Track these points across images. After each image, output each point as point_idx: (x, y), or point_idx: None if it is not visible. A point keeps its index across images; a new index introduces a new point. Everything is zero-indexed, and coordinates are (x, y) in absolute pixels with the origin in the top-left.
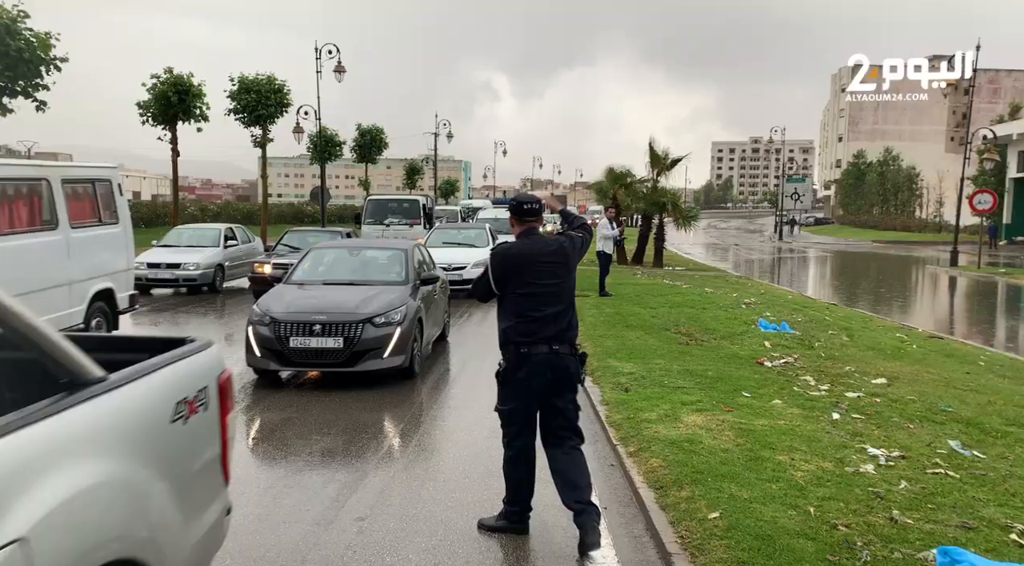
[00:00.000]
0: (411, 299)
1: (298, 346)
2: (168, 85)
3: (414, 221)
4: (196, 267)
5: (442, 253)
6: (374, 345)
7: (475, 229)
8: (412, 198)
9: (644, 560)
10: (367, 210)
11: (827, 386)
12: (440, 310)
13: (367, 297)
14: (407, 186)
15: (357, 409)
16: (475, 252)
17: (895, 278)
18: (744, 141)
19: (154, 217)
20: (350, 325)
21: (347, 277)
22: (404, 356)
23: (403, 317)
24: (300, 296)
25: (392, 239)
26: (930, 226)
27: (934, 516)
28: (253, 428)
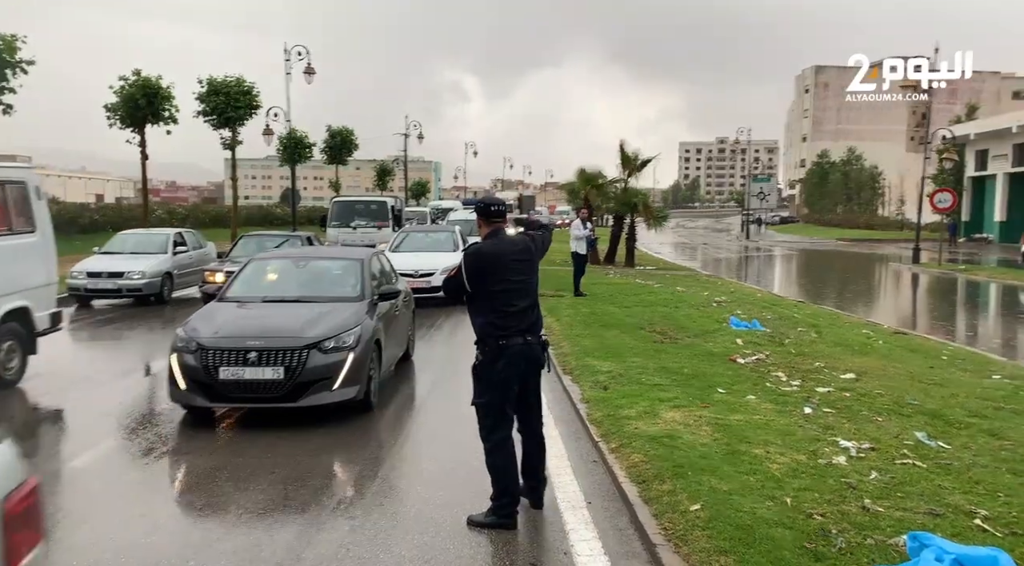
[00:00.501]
0: (367, 318)
1: (229, 378)
2: (136, 87)
3: (382, 223)
4: (141, 276)
5: (409, 259)
6: (322, 375)
7: (444, 232)
8: (380, 199)
9: (630, 551)
10: (332, 212)
11: (798, 381)
12: (403, 328)
13: (314, 317)
14: (378, 187)
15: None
16: (444, 258)
17: (860, 275)
18: (711, 141)
19: (122, 221)
20: (292, 352)
21: (292, 293)
22: (358, 386)
23: (357, 340)
24: (234, 317)
25: (346, 247)
26: (892, 224)
27: (903, 504)
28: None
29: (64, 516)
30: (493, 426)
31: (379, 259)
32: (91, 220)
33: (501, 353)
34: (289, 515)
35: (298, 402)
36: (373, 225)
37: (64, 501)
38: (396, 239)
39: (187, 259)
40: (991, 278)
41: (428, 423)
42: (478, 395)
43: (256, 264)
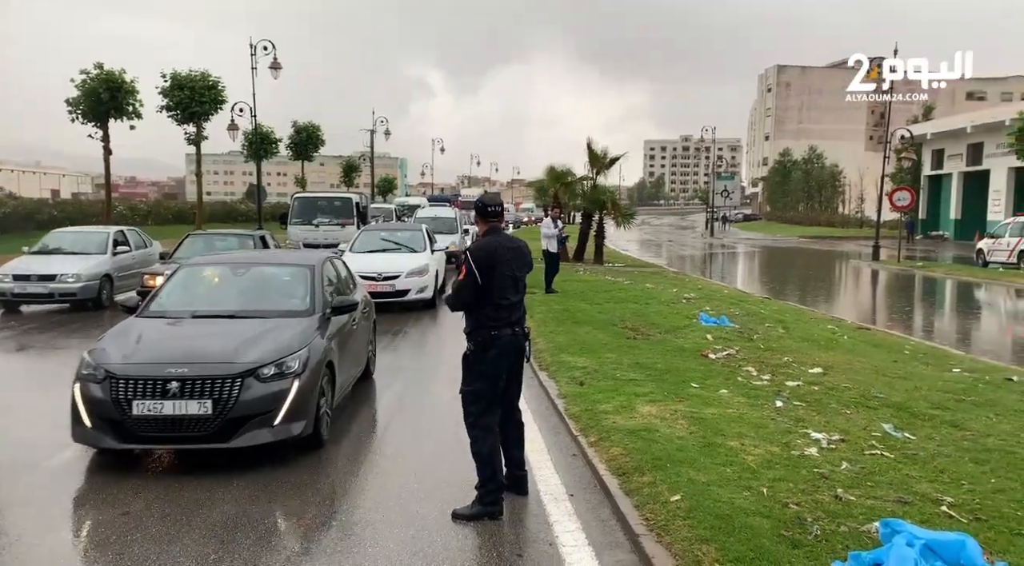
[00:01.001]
0: (318, 337)
1: (145, 414)
2: (99, 81)
3: (346, 221)
4: (76, 279)
5: (371, 260)
6: (260, 408)
7: (410, 231)
8: (344, 195)
9: (613, 542)
10: (294, 209)
11: (768, 376)
12: (361, 343)
13: (253, 337)
14: (344, 184)
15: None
16: (411, 258)
17: (822, 272)
18: (675, 139)
19: (82, 218)
20: (223, 381)
21: (228, 306)
22: (305, 420)
23: (304, 364)
24: (154, 337)
25: (295, 252)
26: (852, 222)
27: (873, 493)
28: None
29: None
30: (480, 413)
31: (333, 264)
32: (49, 216)
33: (493, 343)
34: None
35: (230, 442)
36: (337, 223)
37: None
38: (357, 238)
39: (129, 260)
40: (947, 275)
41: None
42: (467, 383)
43: (187, 271)
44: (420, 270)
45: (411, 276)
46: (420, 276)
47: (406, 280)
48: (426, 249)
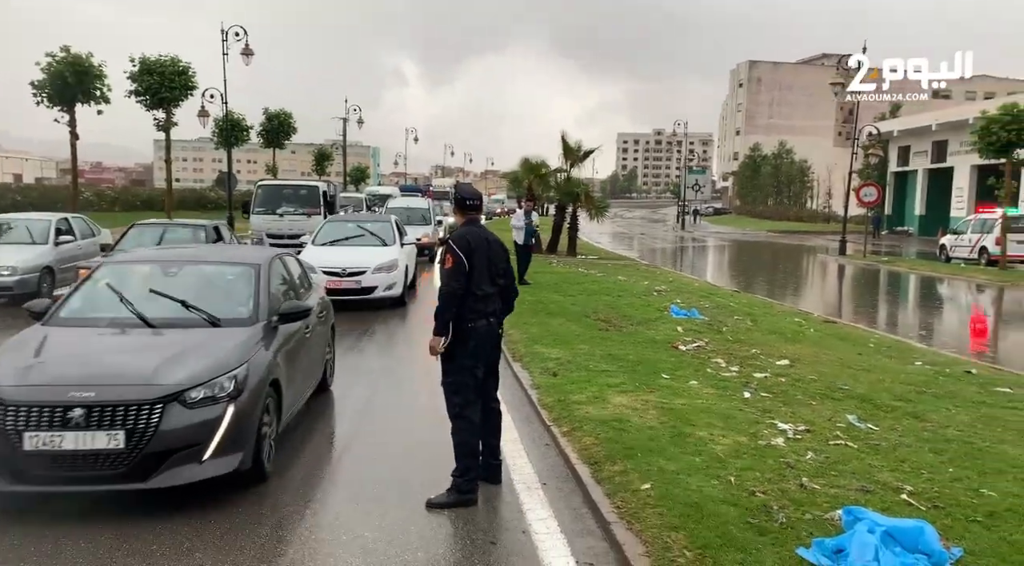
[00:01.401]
0: (261, 350)
1: (40, 449)
2: (65, 65)
3: (312, 211)
4: (12, 272)
5: (335, 254)
6: (185, 440)
7: (378, 222)
8: (310, 184)
9: (585, 529)
10: (257, 197)
11: (737, 368)
12: (317, 353)
13: (180, 351)
14: (316, 172)
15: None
16: (378, 252)
17: (790, 266)
18: (648, 133)
19: (46, 203)
20: (140, 408)
21: (154, 313)
22: (243, 452)
23: (242, 385)
24: (58, 352)
25: (243, 249)
26: (820, 216)
27: (837, 482)
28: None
29: None
30: (463, 404)
31: (284, 263)
32: (12, 201)
33: (471, 334)
34: None
35: (148, 482)
36: (302, 212)
37: None
38: (320, 230)
39: (74, 250)
40: (911, 270)
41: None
42: (447, 375)
43: (109, 270)
44: (388, 265)
45: (379, 272)
46: (388, 272)
47: (373, 276)
48: (395, 242)
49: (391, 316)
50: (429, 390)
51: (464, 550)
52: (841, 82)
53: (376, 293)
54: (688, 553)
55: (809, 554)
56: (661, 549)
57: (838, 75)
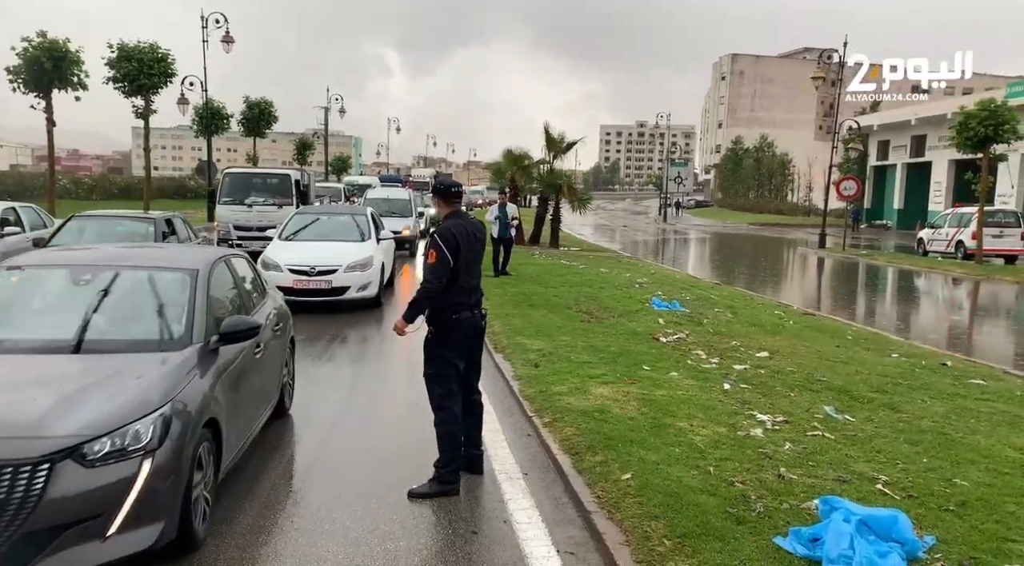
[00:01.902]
0: (194, 379)
1: None
2: (42, 50)
3: (283, 201)
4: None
5: (303, 250)
6: (80, 512)
7: (353, 214)
8: (282, 172)
9: (565, 518)
10: (223, 187)
11: (717, 359)
12: (271, 376)
13: (81, 387)
14: (297, 161)
15: None
16: (351, 249)
17: (770, 259)
18: (631, 125)
19: (21, 191)
20: (17, 469)
21: (56, 334)
22: (163, 522)
23: (163, 433)
24: None
25: (177, 251)
26: (800, 209)
27: (814, 472)
28: None
29: None
30: (445, 394)
31: (231, 266)
32: None
33: (455, 326)
34: None
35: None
36: (273, 203)
37: None
38: (288, 223)
39: (22, 243)
40: (889, 263)
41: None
42: (430, 366)
43: (4, 276)
44: (363, 263)
45: (352, 270)
46: (363, 270)
47: (345, 275)
48: (372, 237)
49: (365, 319)
50: (410, 402)
51: (446, 539)
52: (822, 76)
53: (348, 294)
54: (667, 542)
55: (786, 543)
56: (641, 538)
57: (819, 69)
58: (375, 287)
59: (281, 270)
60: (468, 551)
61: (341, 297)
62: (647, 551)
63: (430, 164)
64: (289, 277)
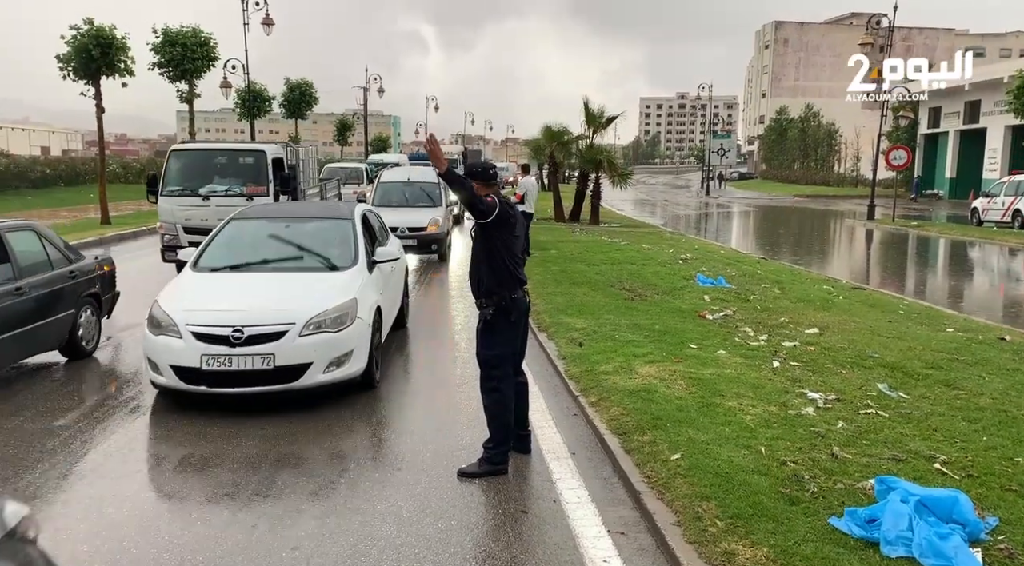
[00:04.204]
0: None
1: None
2: (89, 37)
3: (255, 189)
4: None
5: (225, 291)
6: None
7: (328, 219)
8: (252, 147)
9: (615, 498)
10: (169, 172)
11: (765, 336)
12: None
13: None
14: (337, 142)
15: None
16: (317, 288)
17: (817, 232)
18: (671, 97)
19: (74, 176)
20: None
21: None
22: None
23: None
24: None
25: None
26: (848, 180)
27: (869, 451)
28: None
29: None
30: (501, 377)
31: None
32: (42, 174)
33: (513, 306)
34: None
35: None
36: (239, 192)
37: None
38: (210, 241)
39: None
40: (942, 234)
41: None
42: (489, 347)
43: None
44: (336, 316)
45: (315, 332)
46: (335, 330)
47: (303, 343)
48: (358, 261)
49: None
50: None
51: (496, 518)
52: (870, 42)
53: (308, 379)
54: (720, 522)
55: (841, 523)
56: (692, 518)
57: (867, 35)
58: (361, 359)
59: (178, 333)
60: (519, 530)
61: (294, 385)
62: (699, 531)
63: (468, 142)
64: (193, 350)
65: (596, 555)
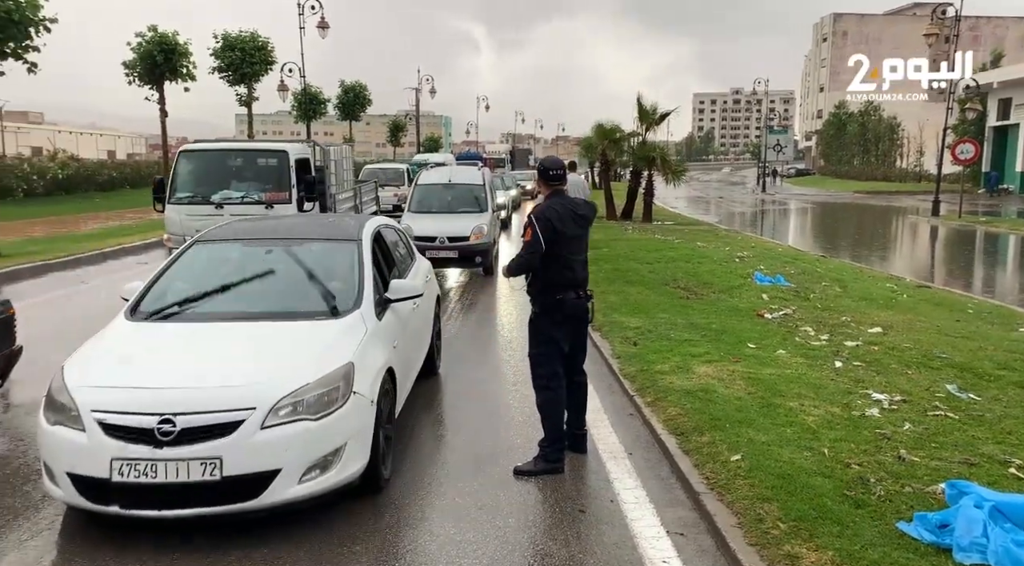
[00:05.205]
0: None
1: None
2: (153, 44)
3: (276, 196)
4: None
5: (162, 362)
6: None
7: (327, 241)
8: (272, 147)
9: (673, 499)
10: (178, 175)
11: (826, 336)
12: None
13: None
14: (390, 143)
15: None
16: (290, 356)
17: (879, 228)
18: (725, 92)
19: (139, 178)
20: None
21: None
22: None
23: None
24: None
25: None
26: (910, 176)
27: (938, 454)
28: None
29: None
30: (548, 375)
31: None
32: (109, 177)
33: (559, 306)
34: None
35: None
36: (257, 199)
37: None
38: (157, 277)
39: None
40: (1012, 230)
41: None
42: (532, 345)
43: None
44: (318, 402)
45: (290, 420)
46: (313, 421)
47: (249, 452)
48: (362, 301)
49: None
50: None
51: (554, 517)
52: (936, 32)
53: (273, 496)
54: (782, 525)
55: (911, 529)
56: (753, 520)
57: (932, 25)
58: (360, 455)
59: (79, 424)
60: (577, 529)
61: (252, 504)
62: (760, 534)
63: (519, 141)
64: (101, 450)
65: (655, 556)
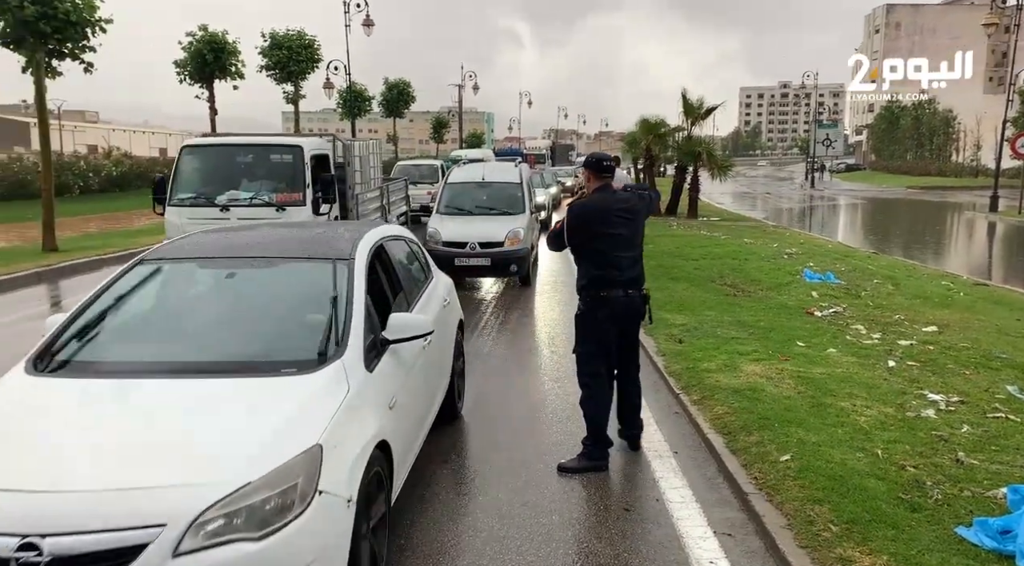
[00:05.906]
0: None
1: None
2: (203, 43)
3: (288, 196)
4: None
5: None
6: None
7: (304, 261)
8: (284, 141)
9: (720, 499)
10: (180, 173)
11: (879, 334)
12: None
13: None
14: (433, 140)
15: None
16: (255, 442)
17: (934, 225)
18: (773, 86)
19: None
20: None
21: None
22: None
23: None
24: None
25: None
26: (967, 171)
27: (999, 457)
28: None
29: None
30: (592, 374)
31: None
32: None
33: (603, 303)
34: None
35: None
36: (267, 200)
37: None
38: (90, 305)
39: None
40: None
41: None
42: (579, 344)
43: None
44: (259, 508)
45: None
46: (254, 542)
47: None
48: (340, 356)
49: None
50: None
51: (599, 515)
52: (995, 22)
53: None
54: (834, 527)
55: (970, 534)
56: (804, 522)
57: (991, 15)
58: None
59: None
60: (622, 528)
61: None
62: (811, 536)
63: (561, 137)
64: None
65: (702, 556)
